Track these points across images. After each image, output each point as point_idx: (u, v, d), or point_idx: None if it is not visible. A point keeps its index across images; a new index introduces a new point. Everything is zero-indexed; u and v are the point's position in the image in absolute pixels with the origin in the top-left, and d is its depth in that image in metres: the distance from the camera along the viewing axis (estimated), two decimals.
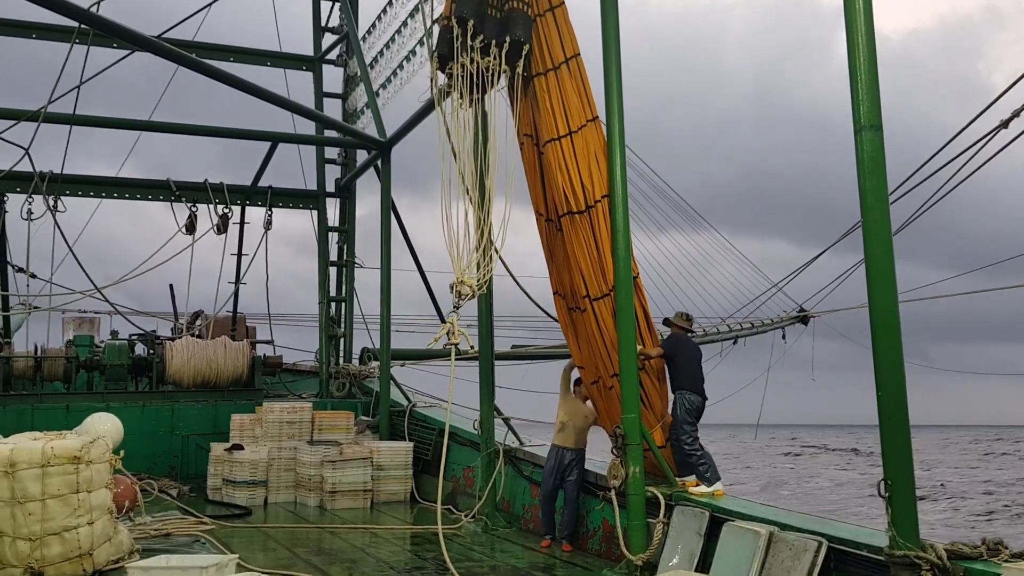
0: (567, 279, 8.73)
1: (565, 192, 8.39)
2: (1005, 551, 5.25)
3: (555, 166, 8.48)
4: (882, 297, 5.55)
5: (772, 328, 17.30)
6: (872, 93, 5.65)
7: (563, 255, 8.69)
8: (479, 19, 8.43)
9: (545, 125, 8.62)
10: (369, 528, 10.48)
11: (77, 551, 7.22)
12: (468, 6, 8.42)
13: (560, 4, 8.89)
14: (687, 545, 7.41)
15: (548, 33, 8.77)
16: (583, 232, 8.36)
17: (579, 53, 8.81)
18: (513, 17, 8.53)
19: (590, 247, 8.33)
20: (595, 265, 8.30)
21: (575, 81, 8.72)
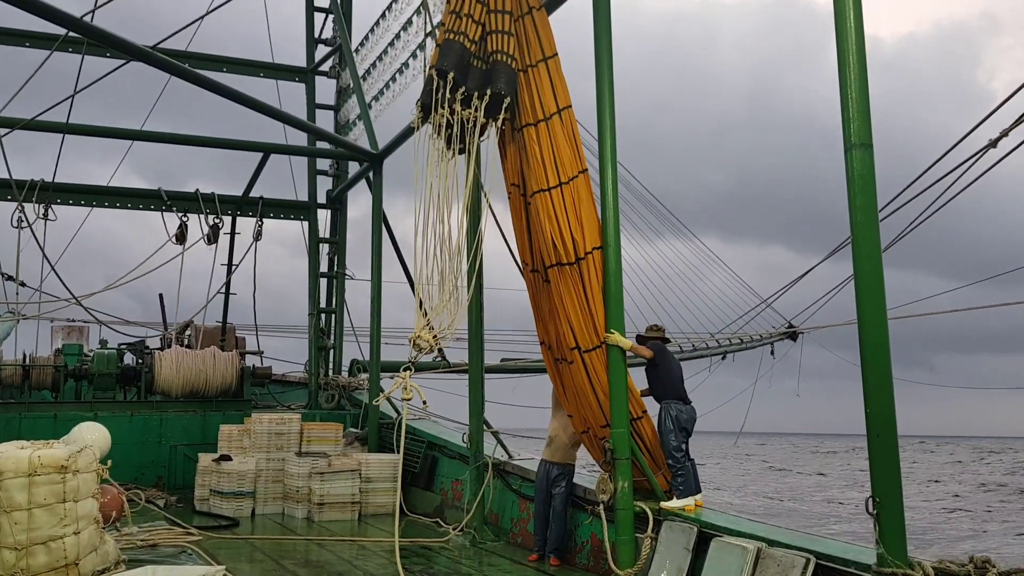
0: (553, 331, 8.56)
1: (554, 243, 8.23)
2: (992, 569, 5.27)
3: (543, 217, 8.34)
4: (871, 314, 5.59)
5: (760, 344, 17.35)
6: (863, 111, 5.70)
7: (550, 307, 8.54)
8: (461, 71, 8.34)
9: (534, 176, 8.48)
10: (357, 540, 10.45)
11: (63, 561, 7.17)
12: (449, 60, 8.33)
13: (553, 56, 8.78)
14: (675, 560, 7.41)
15: (540, 84, 8.63)
16: (572, 284, 8.20)
17: (571, 104, 8.70)
18: (496, 70, 8.45)
19: (580, 299, 8.18)
20: (585, 317, 8.15)
21: (567, 132, 8.59)
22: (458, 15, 8.52)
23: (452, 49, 8.37)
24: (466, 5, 8.53)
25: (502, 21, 8.61)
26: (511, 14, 8.67)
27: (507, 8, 8.67)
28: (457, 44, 8.37)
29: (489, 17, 8.59)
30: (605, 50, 8.25)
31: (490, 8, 8.60)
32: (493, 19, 8.59)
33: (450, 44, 8.41)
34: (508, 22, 8.63)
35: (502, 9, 8.64)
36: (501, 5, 8.65)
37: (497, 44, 8.51)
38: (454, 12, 8.57)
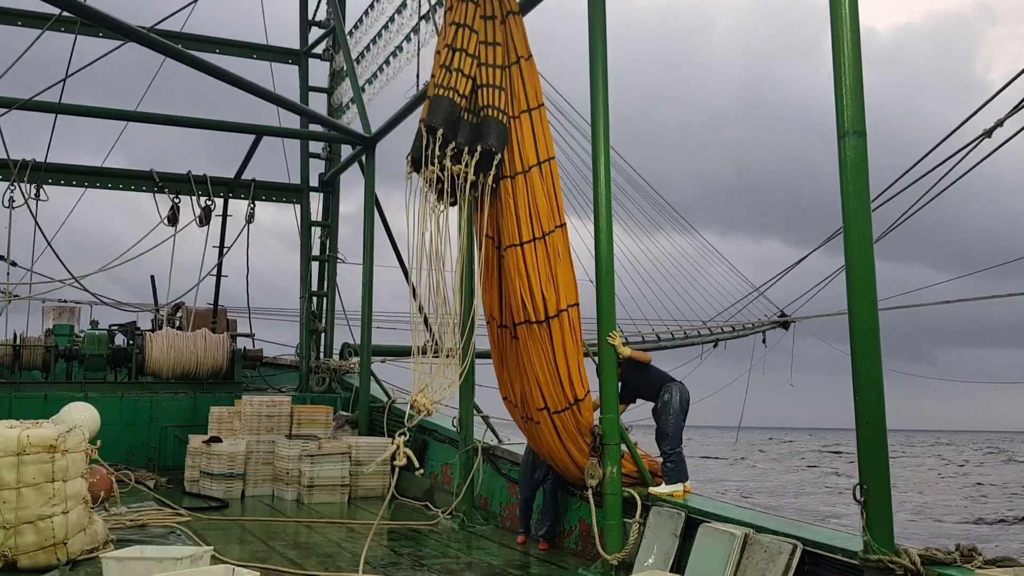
0: (518, 388, 8.39)
1: (523, 300, 8.06)
2: (979, 557, 5.30)
3: (514, 272, 8.15)
4: (861, 302, 5.59)
5: (752, 332, 17.38)
6: (856, 99, 5.69)
7: (516, 363, 8.37)
8: (451, 126, 8.06)
9: (508, 229, 8.24)
10: (346, 523, 10.47)
11: (51, 540, 7.16)
12: (438, 115, 8.04)
13: (539, 106, 8.55)
14: (662, 545, 7.44)
15: (522, 136, 8.37)
16: (541, 343, 8.04)
17: (553, 156, 8.49)
18: (487, 125, 8.18)
19: (548, 359, 8.02)
20: (553, 378, 8.00)
21: (546, 184, 8.35)
22: (448, 69, 8.21)
23: (441, 105, 8.06)
24: (456, 60, 8.22)
25: (493, 75, 8.35)
26: (502, 68, 8.42)
27: (497, 62, 8.42)
28: (446, 100, 8.07)
29: (480, 71, 8.33)
30: (600, 32, 8.23)
31: (480, 61, 8.35)
32: (484, 73, 8.33)
33: (439, 100, 8.06)
34: (499, 76, 8.38)
35: (492, 63, 8.40)
36: (492, 59, 8.41)
37: (488, 98, 8.26)
38: (444, 66, 8.23)
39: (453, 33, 8.29)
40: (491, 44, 8.42)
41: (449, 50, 8.24)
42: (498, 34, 8.49)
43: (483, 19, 8.43)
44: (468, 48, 8.22)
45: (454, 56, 8.22)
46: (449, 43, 8.27)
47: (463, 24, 8.30)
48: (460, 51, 8.19)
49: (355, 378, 15.88)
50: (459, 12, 8.40)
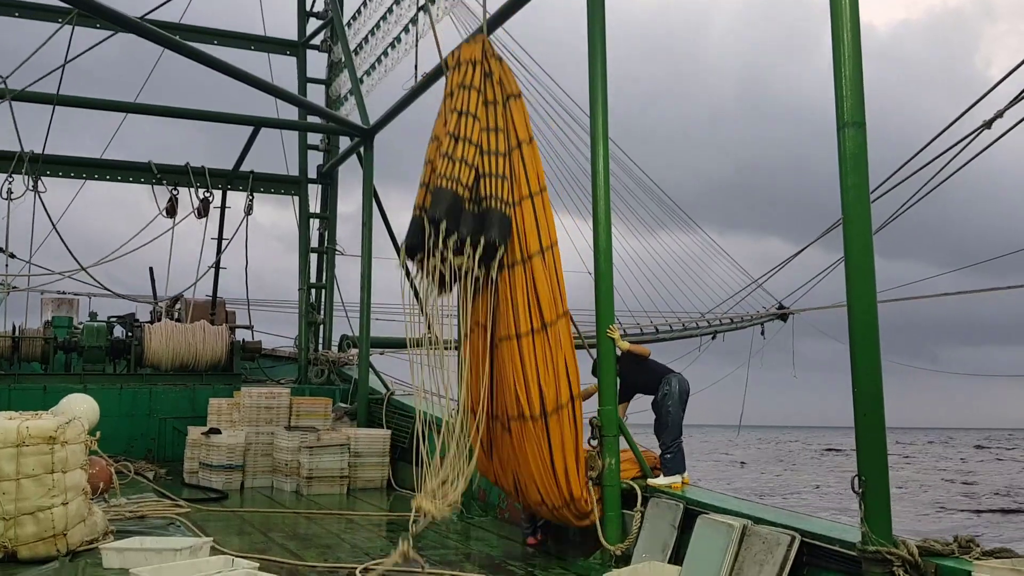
0: (510, 479, 8.16)
1: (519, 395, 7.71)
2: (977, 548, 5.30)
3: (509, 365, 7.77)
4: (860, 294, 5.60)
5: (751, 324, 17.38)
6: (856, 89, 5.68)
7: (509, 455, 8.09)
8: (453, 218, 7.63)
9: (504, 320, 7.85)
10: (345, 514, 10.48)
11: (51, 531, 7.18)
12: (440, 207, 7.59)
13: (540, 191, 8.21)
14: (661, 537, 7.46)
15: (523, 222, 7.97)
16: (537, 441, 7.70)
17: (556, 242, 8.17)
18: (490, 216, 7.73)
19: (544, 456, 7.70)
20: (548, 476, 7.76)
21: (549, 271, 7.95)
22: (451, 159, 7.79)
23: (444, 196, 7.66)
24: (459, 149, 7.83)
25: (495, 163, 7.97)
26: (504, 155, 8.06)
27: (500, 149, 8.06)
28: (449, 192, 7.67)
29: (483, 160, 7.95)
30: (598, 25, 8.22)
31: (483, 149, 7.97)
32: (486, 162, 7.95)
33: (442, 192, 7.65)
34: (501, 164, 8.00)
35: (495, 151, 8.03)
36: (494, 146, 8.04)
37: (490, 188, 7.86)
38: (447, 155, 7.81)
39: (455, 121, 7.93)
40: (493, 130, 8.06)
41: (451, 138, 7.86)
42: (500, 119, 8.16)
43: (485, 105, 8.10)
44: (471, 136, 7.88)
45: (456, 145, 7.84)
46: (451, 131, 7.90)
47: (465, 112, 7.95)
48: (463, 140, 7.84)
49: (354, 370, 15.89)
50: (461, 99, 8.04)
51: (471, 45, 8.38)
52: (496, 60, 8.35)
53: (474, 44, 8.37)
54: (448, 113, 8.06)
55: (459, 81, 8.11)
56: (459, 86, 8.09)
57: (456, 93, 8.09)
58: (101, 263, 16.12)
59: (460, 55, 8.32)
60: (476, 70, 8.15)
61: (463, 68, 8.18)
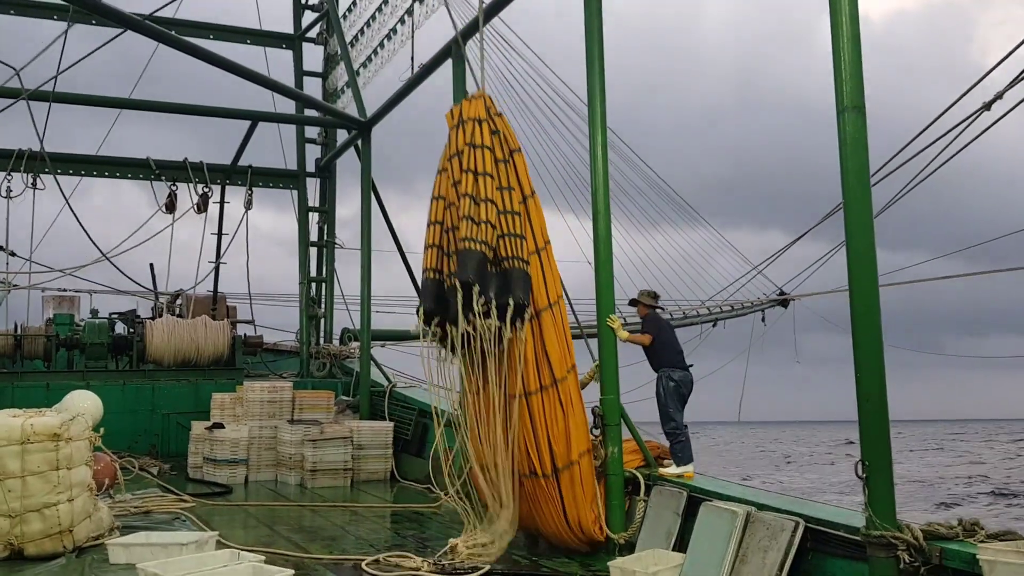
0: (530, 526, 8.04)
1: (529, 453, 7.64)
2: (981, 531, 5.32)
3: (519, 425, 7.63)
4: (862, 278, 5.60)
5: (752, 311, 17.36)
6: (855, 74, 5.67)
7: (527, 509, 7.88)
8: (483, 280, 7.56)
9: (512, 377, 7.69)
10: (349, 506, 10.51)
11: (57, 528, 7.20)
12: (470, 270, 7.50)
13: (545, 245, 8.17)
14: (665, 524, 7.48)
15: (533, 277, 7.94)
16: (549, 497, 7.63)
17: (561, 295, 8.15)
18: (513, 276, 7.65)
19: (558, 512, 7.64)
20: (564, 529, 7.70)
21: (557, 326, 7.90)
22: (474, 221, 7.68)
23: (472, 258, 7.54)
24: (482, 211, 7.75)
25: (512, 223, 7.87)
26: (518, 213, 7.98)
27: (515, 208, 7.97)
28: (477, 253, 7.59)
29: (500, 219, 7.85)
30: (595, 16, 8.21)
31: (500, 209, 7.87)
32: (504, 221, 7.86)
33: (470, 253, 7.55)
34: (517, 223, 7.94)
35: (511, 210, 7.93)
36: (510, 205, 7.94)
37: (510, 248, 7.75)
38: (469, 218, 7.70)
39: (472, 182, 7.85)
40: (507, 189, 8.00)
41: (471, 200, 7.77)
42: (510, 176, 8.10)
43: (496, 164, 8.02)
44: (491, 196, 7.82)
45: (478, 207, 7.76)
46: (471, 192, 7.81)
47: (482, 172, 7.88)
48: (484, 201, 7.76)
49: (355, 363, 15.91)
50: (474, 159, 7.94)
51: (474, 102, 8.28)
52: (498, 116, 8.31)
53: (476, 101, 8.28)
54: (462, 174, 7.91)
55: (468, 140, 8.01)
56: (469, 145, 7.98)
57: (467, 153, 7.95)
58: (108, 258, 16.06)
59: (463, 112, 8.20)
60: (484, 128, 8.07)
61: (469, 126, 8.08)
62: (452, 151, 8.13)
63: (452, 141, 8.18)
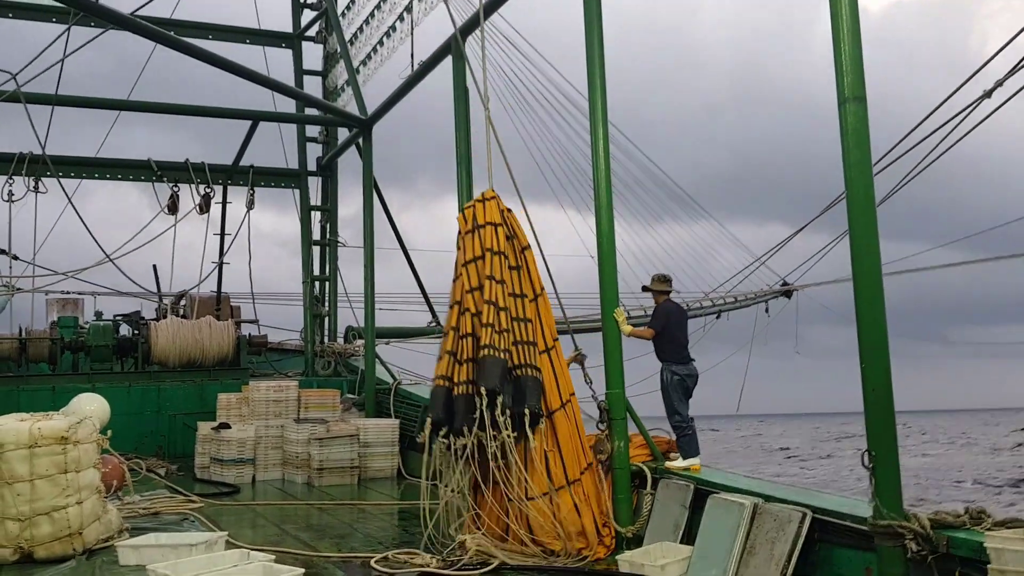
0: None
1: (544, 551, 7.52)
2: (988, 519, 5.32)
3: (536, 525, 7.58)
4: (866, 269, 5.60)
5: (755, 302, 17.35)
6: (856, 65, 5.67)
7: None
8: (504, 388, 7.50)
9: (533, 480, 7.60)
10: (357, 504, 10.53)
11: (67, 530, 7.22)
12: (494, 377, 7.44)
13: (554, 343, 8.16)
14: (672, 517, 7.49)
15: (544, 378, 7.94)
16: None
17: (573, 392, 8.11)
18: (528, 385, 7.63)
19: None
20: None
21: (571, 424, 7.90)
22: (495, 329, 7.67)
23: (496, 365, 7.52)
24: (503, 320, 7.77)
25: (526, 331, 7.91)
26: (531, 321, 8.02)
27: (528, 315, 8.02)
28: (501, 361, 7.55)
29: (515, 326, 7.89)
30: (595, 10, 8.20)
31: (513, 316, 7.91)
32: (519, 328, 7.90)
33: (494, 361, 7.53)
34: (530, 330, 7.96)
35: (525, 317, 7.98)
36: (524, 312, 8.00)
37: (523, 356, 7.78)
38: (489, 325, 7.68)
39: (492, 289, 7.85)
40: (520, 296, 8.04)
41: (493, 308, 7.76)
42: (523, 281, 8.16)
43: (510, 270, 8.08)
44: (508, 304, 7.86)
45: (499, 315, 7.75)
46: (492, 300, 7.80)
47: (501, 280, 7.91)
48: (504, 310, 7.78)
49: (360, 361, 15.93)
50: (493, 266, 7.96)
51: (488, 205, 8.27)
52: (508, 211, 8.32)
53: (490, 204, 8.27)
54: (486, 280, 7.90)
55: (488, 246, 8.02)
56: (489, 251, 7.99)
57: (488, 259, 7.97)
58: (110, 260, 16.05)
59: (477, 216, 8.20)
60: (500, 233, 8.09)
61: (488, 232, 8.10)
62: (468, 257, 8.09)
63: (468, 247, 8.15)
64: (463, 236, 8.29)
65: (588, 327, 9.90)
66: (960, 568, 5.16)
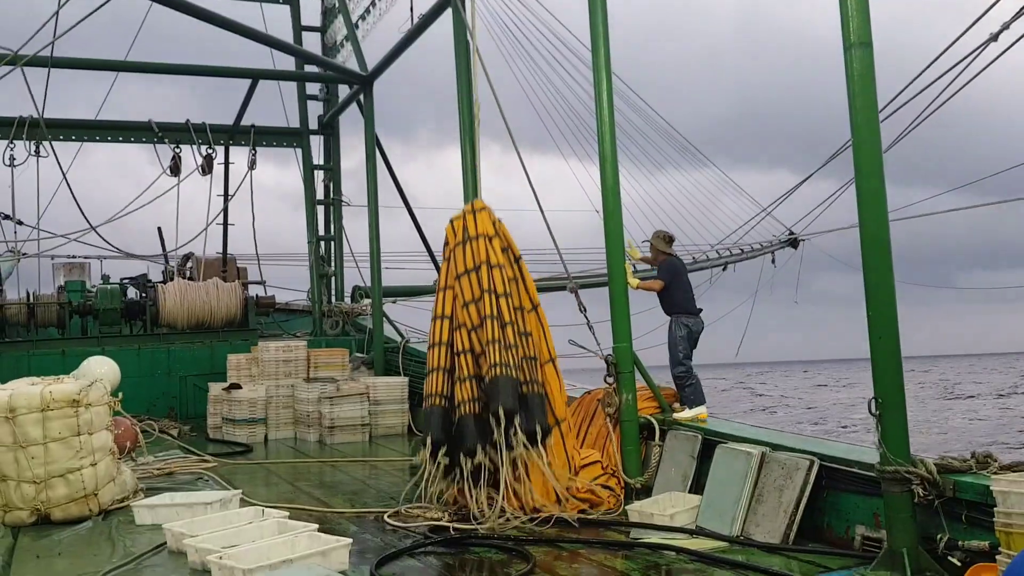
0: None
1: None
2: (994, 463, 5.35)
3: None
4: (872, 215, 5.56)
5: (762, 253, 17.31)
6: (862, 9, 5.57)
7: None
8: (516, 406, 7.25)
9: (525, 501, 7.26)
10: (368, 461, 10.64)
11: (82, 492, 7.32)
12: (509, 397, 7.16)
13: (553, 359, 7.96)
14: (680, 468, 7.55)
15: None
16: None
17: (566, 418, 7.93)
18: (534, 402, 7.40)
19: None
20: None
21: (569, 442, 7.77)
22: (503, 345, 7.39)
23: (509, 385, 7.23)
24: (509, 335, 7.47)
25: (529, 345, 7.69)
26: (531, 335, 7.77)
27: (529, 329, 7.77)
28: (512, 380, 7.28)
29: (520, 340, 7.62)
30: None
31: (518, 331, 7.63)
32: (523, 344, 7.64)
33: (506, 380, 7.24)
34: (531, 345, 7.71)
35: (527, 331, 7.73)
36: (525, 326, 7.74)
37: (530, 373, 7.55)
38: (496, 341, 7.39)
39: (495, 303, 7.54)
40: (520, 309, 7.77)
41: (497, 323, 7.47)
42: (522, 295, 7.88)
43: (510, 282, 7.75)
44: (512, 319, 7.56)
45: (504, 330, 7.47)
46: (494, 315, 7.48)
47: (503, 294, 7.60)
48: (509, 324, 7.50)
49: (368, 320, 15.98)
50: (493, 280, 7.66)
51: (480, 216, 7.89)
52: (501, 225, 8.00)
53: (482, 215, 7.90)
54: (483, 294, 7.58)
55: (483, 259, 7.70)
56: (486, 264, 7.68)
57: (485, 272, 7.66)
58: (111, 220, 16.07)
59: (469, 228, 7.85)
60: (495, 245, 7.79)
61: (482, 244, 7.75)
62: (461, 269, 7.76)
63: (460, 259, 7.80)
64: (453, 248, 7.92)
65: (594, 282, 9.89)
66: (967, 512, 5.21)
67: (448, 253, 7.97)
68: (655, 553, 6.09)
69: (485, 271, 7.67)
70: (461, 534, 6.70)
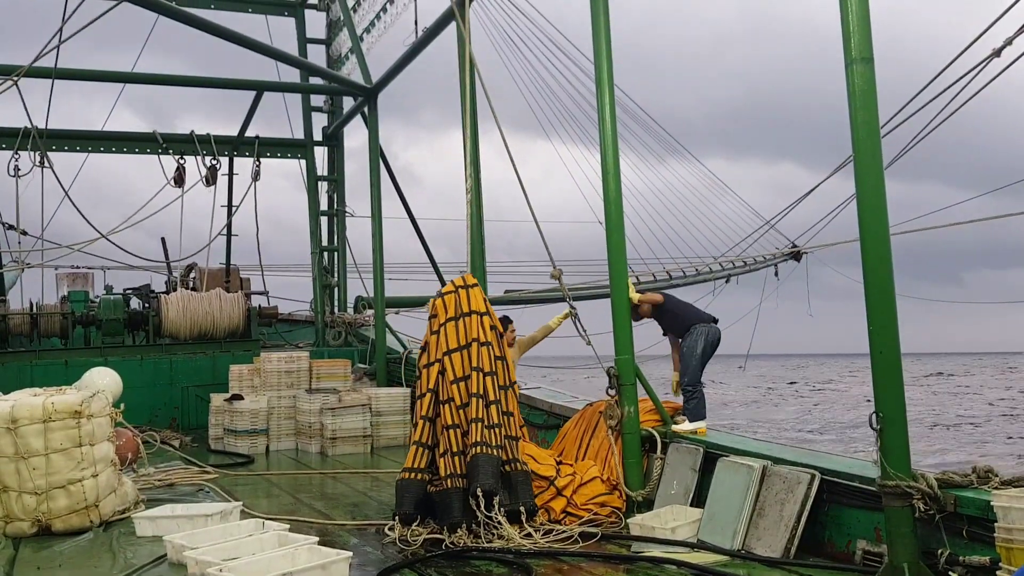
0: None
1: None
2: (995, 478, 5.35)
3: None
4: (873, 231, 5.58)
5: (764, 266, 17.30)
6: (863, 25, 5.60)
7: None
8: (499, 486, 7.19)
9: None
10: (370, 472, 10.63)
11: (83, 503, 7.32)
12: (491, 478, 7.09)
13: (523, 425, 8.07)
14: (682, 481, 7.55)
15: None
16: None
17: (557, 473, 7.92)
18: (519, 480, 7.36)
19: None
20: None
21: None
22: (488, 426, 7.37)
23: (491, 464, 7.17)
24: (494, 413, 7.45)
25: (511, 424, 7.70)
26: (512, 414, 7.80)
27: (512, 409, 7.81)
28: (495, 459, 7.24)
29: (504, 419, 7.61)
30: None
31: (503, 410, 7.62)
32: (507, 423, 7.64)
33: (488, 459, 7.19)
34: (514, 425, 7.79)
35: (510, 411, 7.77)
36: (508, 406, 7.77)
37: (513, 452, 7.53)
38: (479, 421, 7.38)
39: (481, 381, 7.56)
40: (505, 388, 7.79)
41: (481, 401, 7.49)
42: (507, 374, 7.89)
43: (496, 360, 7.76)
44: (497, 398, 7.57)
45: (487, 409, 7.46)
46: (480, 392, 7.51)
47: (490, 372, 7.63)
48: (493, 403, 7.50)
49: (370, 330, 16.00)
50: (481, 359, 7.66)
51: (472, 293, 7.94)
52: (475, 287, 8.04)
53: (473, 291, 7.95)
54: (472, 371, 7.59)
55: (473, 336, 7.71)
56: (475, 342, 7.68)
57: (475, 349, 7.66)
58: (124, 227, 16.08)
59: (461, 304, 7.87)
60: (485, 323, 7.83)
61: (473, 322, 7.78)
62: (452, 345, 7.72)
63: (452, 335, 7.77)
64: (444, 324, 7.87)
65: (595, 294, 9.90)
66: (967, 527, 5.21)
67: (437, 327, 7.90)
68: (656, 567, 6.09)
69: (475, 348, 7.68)
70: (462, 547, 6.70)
